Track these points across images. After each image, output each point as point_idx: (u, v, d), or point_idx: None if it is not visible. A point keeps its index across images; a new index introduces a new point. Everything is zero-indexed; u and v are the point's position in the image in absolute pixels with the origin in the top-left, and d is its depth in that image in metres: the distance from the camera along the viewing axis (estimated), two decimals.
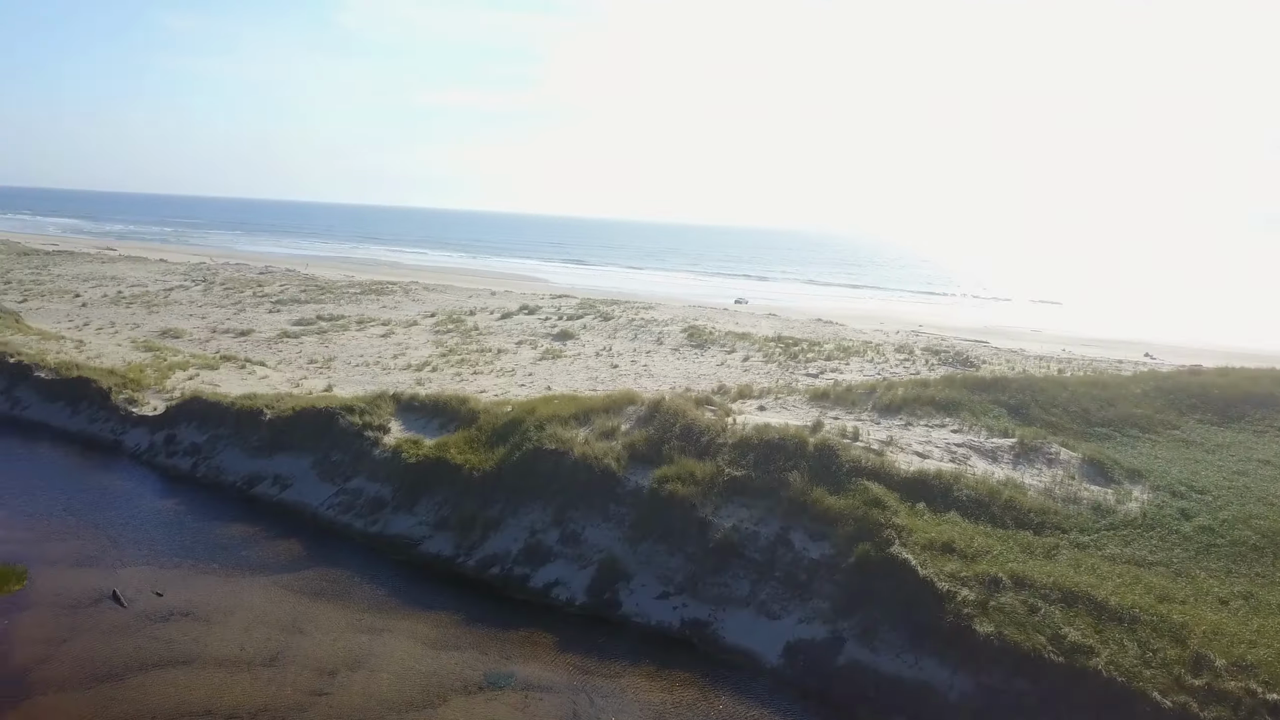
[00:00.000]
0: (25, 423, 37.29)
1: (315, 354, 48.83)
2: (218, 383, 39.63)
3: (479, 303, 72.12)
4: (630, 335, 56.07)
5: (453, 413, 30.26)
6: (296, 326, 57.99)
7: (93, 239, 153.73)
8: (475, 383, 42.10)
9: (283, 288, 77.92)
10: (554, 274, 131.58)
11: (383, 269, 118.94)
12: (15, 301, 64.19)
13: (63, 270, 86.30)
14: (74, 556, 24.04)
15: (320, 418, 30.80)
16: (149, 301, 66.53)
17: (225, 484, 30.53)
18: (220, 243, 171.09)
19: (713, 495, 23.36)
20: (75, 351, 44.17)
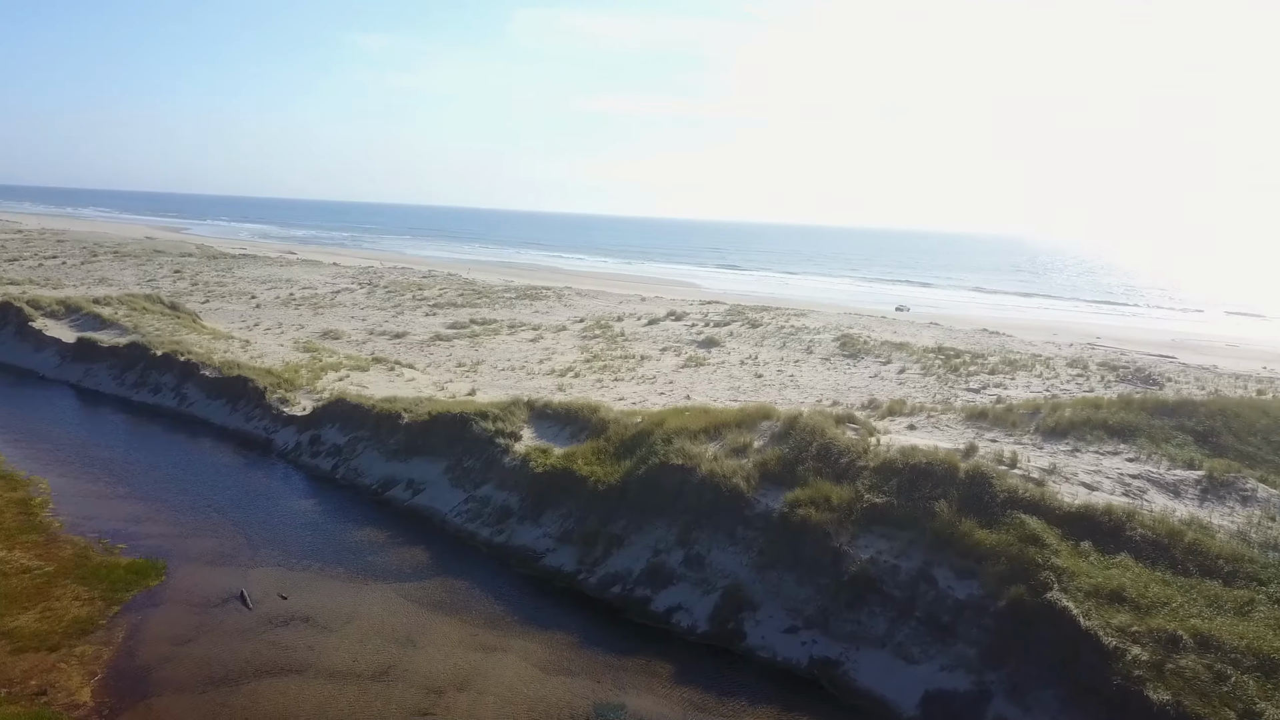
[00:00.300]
0: (190, 419, 39.21)
1: (464, 357, 49.47)
2: (366, 384, 40.53)
3: (628, 309, 71.82)
4: (778, 343, 54.20)
5: (583, 421, 29.52)
6: (450, 330, 59.17)
7: (278, 244, 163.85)
8: (615, 390, 41.46)
9: (441, 291, 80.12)
10: (707, 279, 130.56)
11: (541, 274, 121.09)
12: (199, 302, 68.51)
13: (244, 273, 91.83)
14: (211, 554, 24.60)
15: (454, 423, 30.70)
16: (316, 304, 69.61)
17: (361, 486, 30.88)
18: (392, 247, 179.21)
19: (849, 523, 21.52)
20: (240, 351, 46.31)
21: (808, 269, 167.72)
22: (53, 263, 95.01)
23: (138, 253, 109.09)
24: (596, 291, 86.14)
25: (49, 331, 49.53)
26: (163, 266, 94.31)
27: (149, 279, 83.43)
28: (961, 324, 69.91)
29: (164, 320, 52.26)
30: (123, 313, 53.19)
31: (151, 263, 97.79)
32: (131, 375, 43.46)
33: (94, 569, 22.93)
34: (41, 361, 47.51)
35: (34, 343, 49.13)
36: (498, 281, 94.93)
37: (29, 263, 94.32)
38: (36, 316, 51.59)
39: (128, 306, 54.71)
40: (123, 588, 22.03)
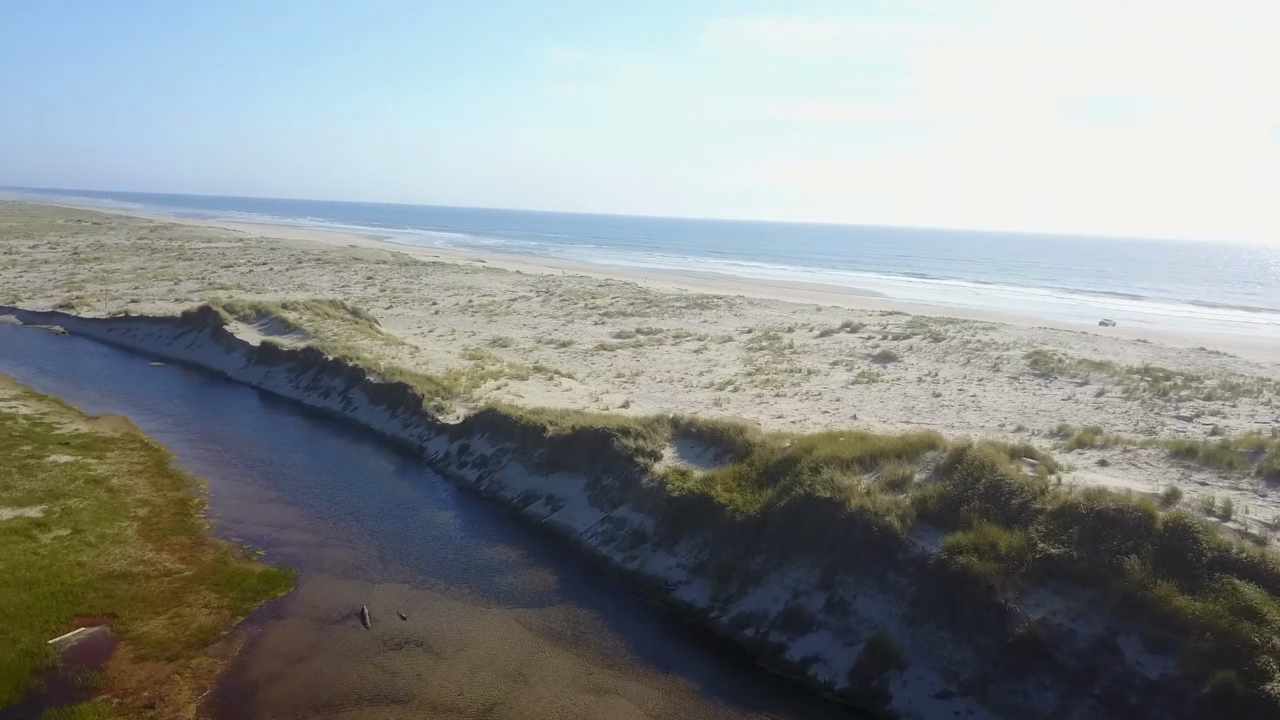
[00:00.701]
0: (353, 424, 40.01)
1: (625, 368, 48.46)
2: (522, 394, 40.12)
3: (801, 319, 69.02)
4: (962, 359, 50.11)
5: (728, 443, 27.52)
6: (615, 339, 58.50)
7: (469, 252, 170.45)
8: (774, 406, 39.20)
9: (613, 300, 79.97)
10: (891, 288, 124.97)
11: (717, 283, 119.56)
12: (383, 308, 71.22)
13: (431, 280, 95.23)
14: (343, 565, 24.33)
15: (595, 439, 29.45)
16: (491, 311, 70.84)
17: (503, 500, 30.16)
18: (576, 256, 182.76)
19: (1018, 576, 18.53)
20: (408, 357, 47.17)
21: (1002, 278, 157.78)
22: (262, 269, 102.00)
23: (338, 260, 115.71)
24: (770, 300, 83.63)
25: (239, 335, 52.33)
26: (357, 273, 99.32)
27: (343, 285, 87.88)
28: (1175, 341, 62.72)
29: (343, 326, 54.18)
30: (306, 318, 55.61)
31: (348, 269, 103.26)
32: (305, 379, 45.03)
33: (229, 576, 23.06)
34: (230, 363, 50.17)
35: (226, 345, 52.01)
36: (671, 290, 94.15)
37: (241, 269, 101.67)
38: (230, 320, 54.69)
39: (312, 312, 57.18)
40: (251, 597, 21.97)
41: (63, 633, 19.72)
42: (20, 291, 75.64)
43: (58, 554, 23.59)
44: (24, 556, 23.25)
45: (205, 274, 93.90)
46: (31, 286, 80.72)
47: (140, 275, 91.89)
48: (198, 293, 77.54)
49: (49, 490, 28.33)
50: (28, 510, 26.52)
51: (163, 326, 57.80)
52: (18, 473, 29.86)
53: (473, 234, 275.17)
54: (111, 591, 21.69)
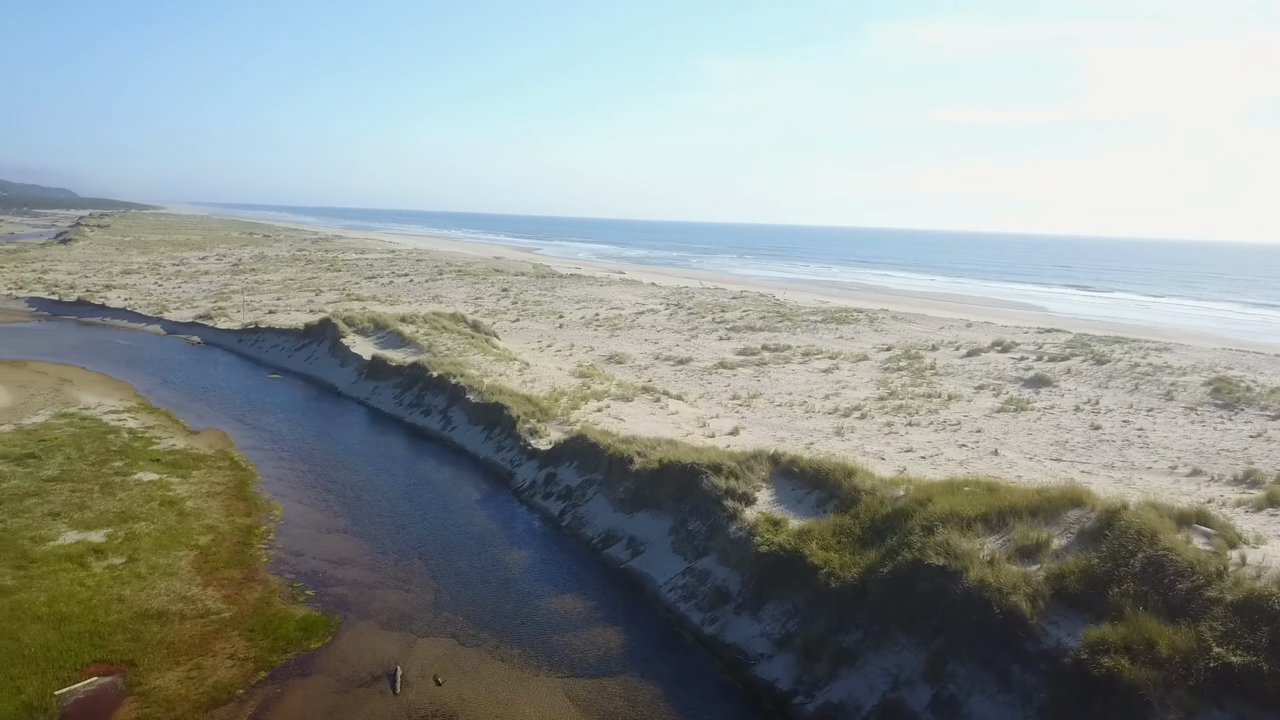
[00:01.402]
0: (449, 444, 38.21)
1: (742, 389, 44.99)
2: (623, 417, 37.34)
3: (947, 335, 63.58)
4: (1128, 385, 44.13)
5: (833, 487, 23.76)
6: (738, 356, 55.05)
7: (611, 263, 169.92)
8: (905, 437, 34.97)
9: (744, 314, 76.39)
10: (1051, 301, 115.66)
11: (862, 294, 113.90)
12: (509, 321, 70.17)
13: (564, 292, 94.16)
14: (391, 612, 22.05)
15: (684, 475, 26.25)
16: (615, 325, 68.59)
17: (584, 538, 27.34)
18: (717, 267, 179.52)
19: (1183, 689, 14.19)
20: (516, 374, 45.22)
21: (1177, 291, 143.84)
22: (402, 280, 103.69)
23: (478, 272, 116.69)
24: (915, 315, 78.03)
25: (354, 348, 51.83)
26: (493, 285, 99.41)
27: (476, 297, 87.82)
28: None
29: (458, 340, 52.95)
30: (423, 331, 54.71)
31: (485, 281, 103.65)
32: (409, 395, 43.73)
33: (268, 620, 21.14)
34: (341, 377, 49.64)
35: (340, 358, 51.61)
36: (809, 302, 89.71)
37: (383, 280, 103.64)
38: (348, 333, 54.39)
39: (429, 325, 56.32)
40: (283, 648, 19.91)
41: (74, 681, 18.13)
42: (170, 302, 78.83)
43: (103, 586, 22.31)
44: (69, 588, 22.07)
45: (347, 285, 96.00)
46: (184, 297, 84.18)
47: (287, 286, 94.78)
48: (334, 304, 78.84)
49: (121, 512, 27.45)
50: (92, 534, 25.59)
51: (286, 338, 58.25)
52: (99, 491, 29.25)
53: (619, 245, 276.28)
54: (140, 634, 20.07)
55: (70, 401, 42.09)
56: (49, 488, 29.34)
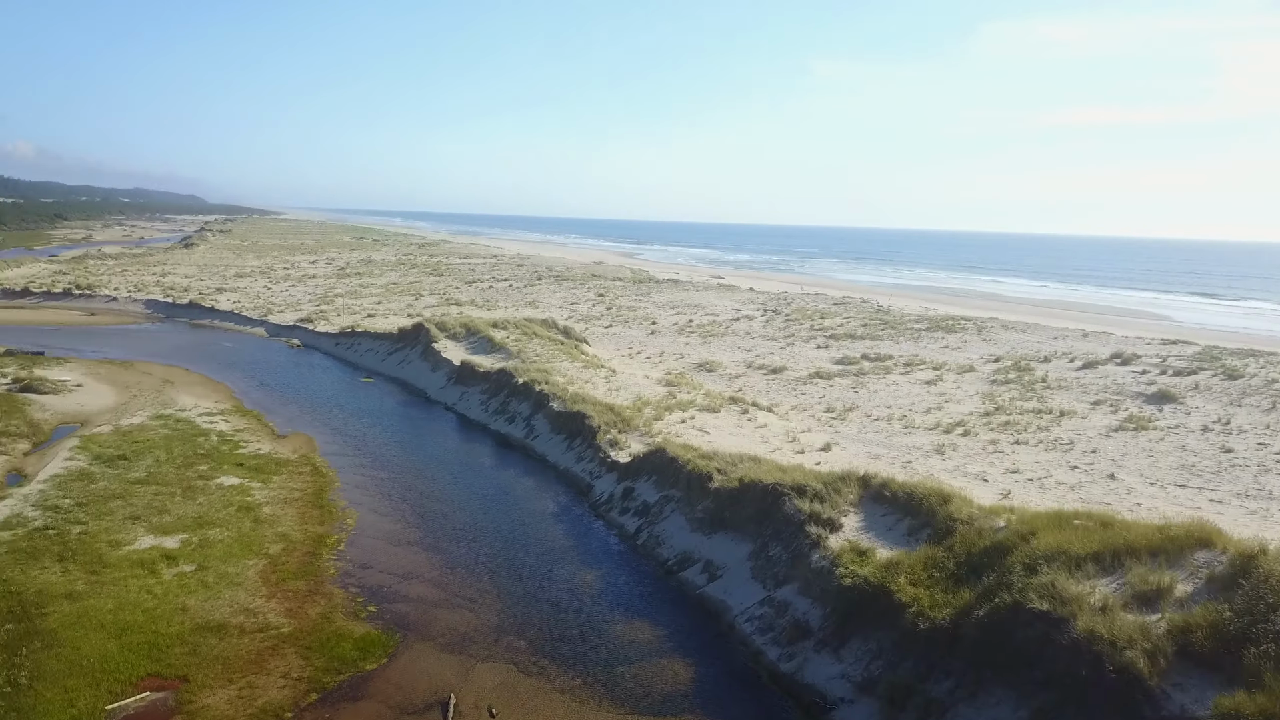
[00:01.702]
0: (530, 453, 37.43)
1: (837, 401, 42.97)
2: (708, 429, 35.89)
3: (1062, 346, 59.98)
4: (1265, 404, 40.43)
5: (926, 514, 21.81)
6: (835, 366, 52.90)
7: (712, 268, 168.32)
8: (1010, 457, 32.56)
9: (844, 321, 73.85)
10: (1177, 310, 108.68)
11: (972, 301, 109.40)
12: (602, 327, 69.44)
13: (660, 298, 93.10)
14: (452, 633, 21.15)
15: (766, 496, 24.65)
16: (708, 331, 67.07)
17: (659, 559, 25.99)
18: (821, 271, 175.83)
19: None
20: (602, 382, 44.23)
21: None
22: (502, 285, 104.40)
23: (577, 277, 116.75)
24: (1027, 324, 74.06)
25: (445, 353, 51.75)
26: (590, 290, 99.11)
27: (571, 302, 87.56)
28: None
29: (548, 346, 52.35)
30: (513, 337, 54.33)
31: (582, 286, 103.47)
32: (495, 402, 43.21)
33: (326, 637, 20.49)
34: (431, 382, 49.57)
35: (431, 363, 51.61)
36: (915, 309, 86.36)
37: (483, 285, 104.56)
38: (440, 338, 54.41)
39: (520, 331, 55.93)
40: (337, 668, 19.18)
41: (126, 696, 17.72)
42: (275, 305, 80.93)
43: (169, 595, 22.08)
44: (136, 595, 21.90)
45: (447, 290, 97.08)
46: (290, 300, 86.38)
47: (389, 290, 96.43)
48: (433, 308, 79.61)
49: (198, 517, 27.44)
50: (167, 540, 25.55)
51: (380, 342, 58.75)
52: (180, 495, 29.39)
53: (720, 249, 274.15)
54: (198, 648, 19.64)
55: (169, 403, 43.00)
56: (134, 490, 29.63)
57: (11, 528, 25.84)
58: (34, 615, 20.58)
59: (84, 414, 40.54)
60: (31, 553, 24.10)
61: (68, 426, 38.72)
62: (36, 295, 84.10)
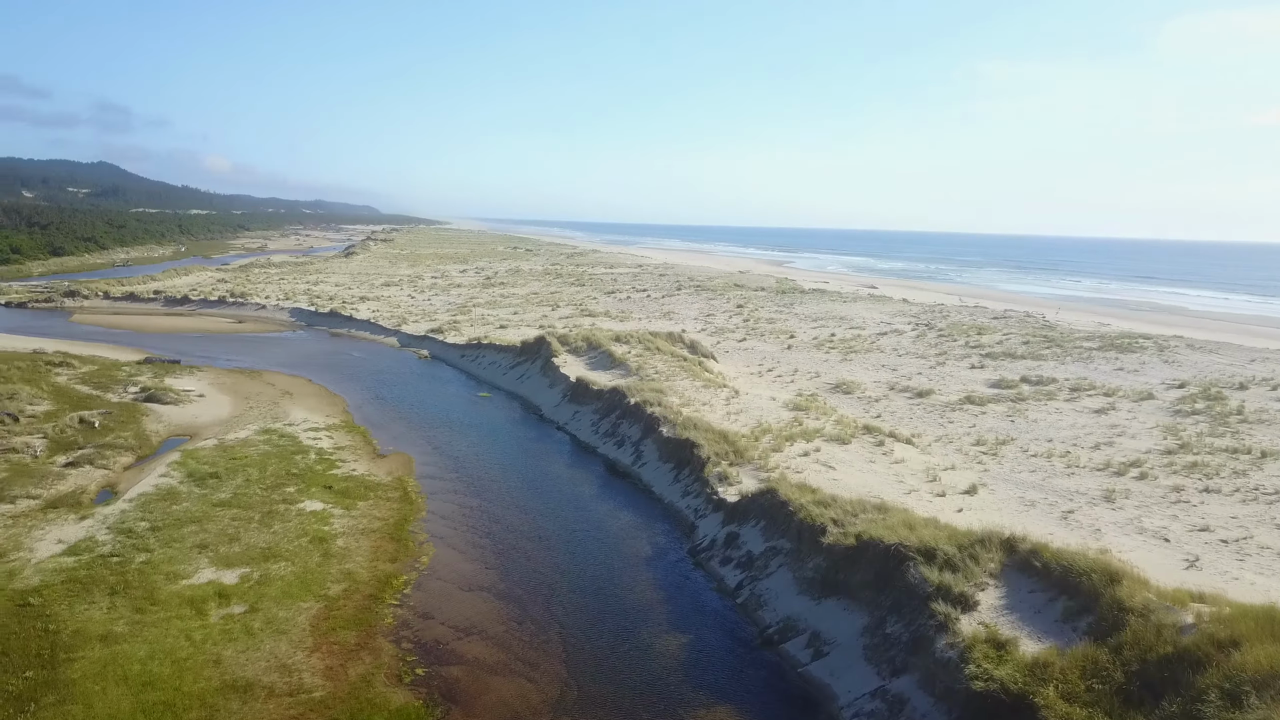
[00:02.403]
0: (638, 483, 34.26)
1: (989, 432, 37.91)
2: (834, 463, 31.79)
3: (1261, 370, 52.21)
4: None
5: (1087, 596, 17.26)
6: (989, 389, 47.39)
7: (865, 277, 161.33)
8: (1198, 509, 27.17)
9: (1004, 337, 67.31)
10: None
11: (1151, 316, 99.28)
12: (735, 341, 65.72)
13: (803, 309, 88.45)
14: (502, 710, 18.15)
15: (886, 559, 20.56)
16: (850, 347, 62.22)
17: (759, 622, 22.26)
18: (982, 281, 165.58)
19: None
20: (722, 404, 40.65)
21: None
22: (639, 296, 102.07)
23: (718, 287, 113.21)
24: (1218, 343, 65.52)
25: (563, 368, 49.36)
26: (729, 301, 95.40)
27: (707, 314, 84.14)
28: None
29: (669, 362, 49.17)
30: (635, 352, 51.44)
31: (721, 297, 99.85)
32: (606, 423, 40.34)
33: (359, 707, 17.89)
34: (547, 399, 47.25)
35: (550, 379, 49.33)
36: (1086, 325, 78.47)
37: (621, 295, 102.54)
38: (560, 352, 52.13)
39: (643, 345, 52.99)
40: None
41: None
42: (411, 315, 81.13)
43: (208, 642, 20.08)
44: (173, 641, 20.01)
45: (585, 300, 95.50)
46: (428, 310, 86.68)
47: (527, 301, 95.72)
48: (567, 319, 77.96)
49: (267, 548, 25.64)
50: (226, 574, 23.77)
51: (504, 355, 57.08)
52: (258, 521, 27.78)
53: (875, 257, 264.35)
54: (216, 713, 17.40)
55: (280, 416, 42.27)
56: (213, 514, 28.24)
57: (79, 553, 24.72)
58: (60, 662, 18.92)
59: (196, 426, 40.19)
60: (87, 584, 22.75)
61: (177, 439, 38.33)
62: (194, 303, 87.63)
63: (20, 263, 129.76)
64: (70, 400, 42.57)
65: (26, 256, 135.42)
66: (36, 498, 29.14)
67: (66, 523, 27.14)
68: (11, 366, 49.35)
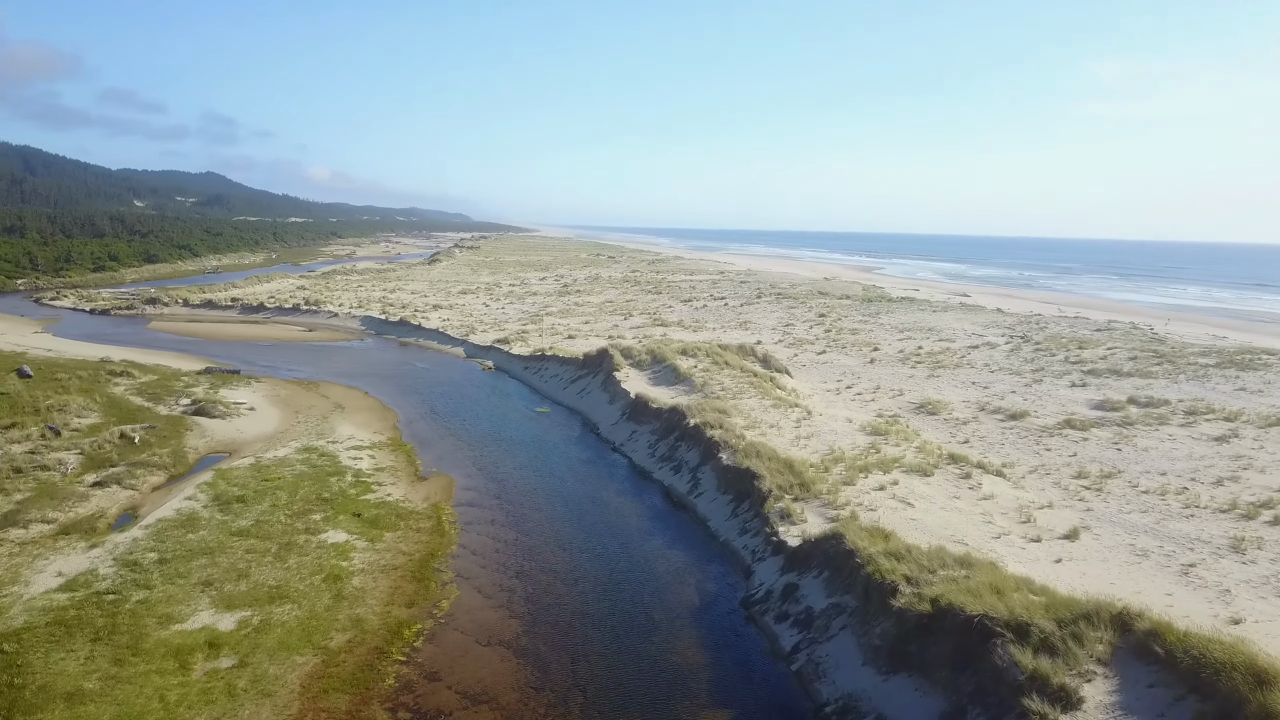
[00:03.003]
0: (694, 515, 31.15)
1: (1091, 462, 33.72)
2: (913, 499, 28.17)
3: None
4: None
5: (1224, 699, 13.52)
6: (1092, 412, 42.81)
7: (956, 284, 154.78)
8: None
9: (1108, 352, 61.89)
10: None
11: (1274, 328, 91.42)
12: (813, 354, 61.99)
13: (889, 319, 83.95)
14: None
15: (968, 632, 17.05)
16: (938, 362, 57.87)
17: (816, 698, 18.94)
18: (1083, 289, 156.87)
19: None
20: (791, 427, 37.23)
21: None
22: (717, 304, 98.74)
23: (799, 295, 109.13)
24: None
25: (624, 384, 46.52)
26: (810, 310, 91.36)
27: (786, 324, 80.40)
28: None
29: (737, 378, 45.88)
30: (701, 366, 48.31)
31: (802, 306, 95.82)
32: (663, 446, 37.33)
33: None
34: (606, 416, 44.47)
35: (610, 394, 46.57)
36: (1200, 338, 72.12)
37: (697, 304, 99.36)
38: (623, 365, 49.34)
39: (711, 359, 49.80)
40: None
41: None
42: (481, 324, 79.42)
43: (183, 704, 17.80)
44: (144, 703, 17.77)
45: (659, 309, 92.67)
46: (499, 319, 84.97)
47: (601, 309, 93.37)
48: (638, 329, 75.28)
49: (276, 587, 23.40)
50: (225, 618, 21.56)
51: (566, 368, 54.56)
52: (273, 555, 25.61)
53: (969, 264, 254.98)
54: None
55: (326, 432, 40.49)
56: (229, 544, 26.21)
57: (75, 589, 22.86)
58: None
59: (238, 442, 38.64)
60: (72, 627, 20.77)
61: (215, 456, 36.78)
62: (269, 310, 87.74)
63: (114, 269, 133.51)
64: (119, 412, 41.54)
65: (122, 264, 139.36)
66: (52, 522, 27.57)
67: (74, 552, 25.40)
68: (73, 376, 48.93)
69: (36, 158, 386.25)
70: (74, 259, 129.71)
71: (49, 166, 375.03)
